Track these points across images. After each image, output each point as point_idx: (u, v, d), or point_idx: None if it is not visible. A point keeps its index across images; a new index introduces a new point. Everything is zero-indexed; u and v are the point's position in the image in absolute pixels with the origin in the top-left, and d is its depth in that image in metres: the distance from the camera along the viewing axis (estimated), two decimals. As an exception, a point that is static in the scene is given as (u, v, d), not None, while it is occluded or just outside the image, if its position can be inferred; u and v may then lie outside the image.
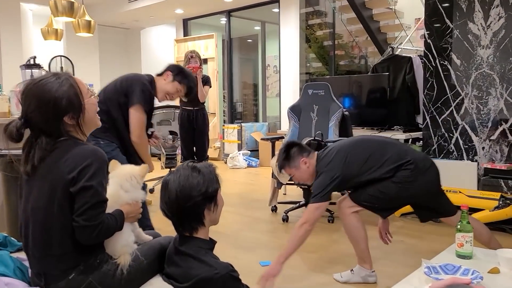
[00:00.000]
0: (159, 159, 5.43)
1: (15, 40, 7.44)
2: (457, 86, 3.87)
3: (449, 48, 3.89)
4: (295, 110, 4.22)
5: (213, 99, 7.78)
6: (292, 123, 4.21)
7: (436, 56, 3.98)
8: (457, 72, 3.86)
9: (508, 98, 3.59)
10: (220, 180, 1.51)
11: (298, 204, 3.89)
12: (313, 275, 2.60)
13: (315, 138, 3.55)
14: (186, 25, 8.85)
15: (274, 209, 4.09)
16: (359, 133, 4.50)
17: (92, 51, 8.71)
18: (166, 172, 4.43)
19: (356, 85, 4.95)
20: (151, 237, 1.66)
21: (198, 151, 4.63)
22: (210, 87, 4.65)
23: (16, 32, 7.51)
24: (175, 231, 1.52)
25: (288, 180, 3.40)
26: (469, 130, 3.82)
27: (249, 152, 7.22)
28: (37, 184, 1.40)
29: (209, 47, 7.90)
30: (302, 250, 2.97)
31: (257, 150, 7.19)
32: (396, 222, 3.54)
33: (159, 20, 9.09)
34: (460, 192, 3.48)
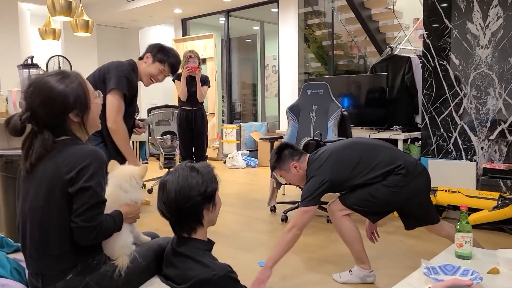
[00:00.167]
0: (158, 159, 5.41)
1: (12, 40, 7.41)
2: (456, 86, 3.86)
3: (448, 48, 3.89)
4: (294, 110, 4.21)
5: (212, 99, 7.78)
6: (291, 123, 4.20)
7: (435, 56, 3.98)
8: (456, 72, 3.86)
9: (507, 98, 3.59)
10: (218, 180, 1.51)
11: (297, 205, 3.87)
12: (312, 275, 2.60)
13: (314, 138, 3.54)
14: (184, 25, 8.84)
15: (273, 209, 4.09)
16: (358, 133, 4.50)
17: (90, 51, 8.68)
18: (165, 172, 4.43)
19: (355, 85, 4.94)
20: (150, 238, 1.65)
21: (197, 151, 4.63)
22: (209, 87, 4.65)
23: (14, 32, 7.48)
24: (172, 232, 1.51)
25: (287, 180, 3.40)
26: (468, 130, 3.82)
27: (248, 152, 7.21)
28: (34, 184, 1.39)
29: (208, 47, 7.89)
30: (301, 250, 2.98)
31: (256, 150, 7.18)
32: (395, 222, 3.54)
33: (157, 20, 9.07)
34: (459, 192, 3.48)
